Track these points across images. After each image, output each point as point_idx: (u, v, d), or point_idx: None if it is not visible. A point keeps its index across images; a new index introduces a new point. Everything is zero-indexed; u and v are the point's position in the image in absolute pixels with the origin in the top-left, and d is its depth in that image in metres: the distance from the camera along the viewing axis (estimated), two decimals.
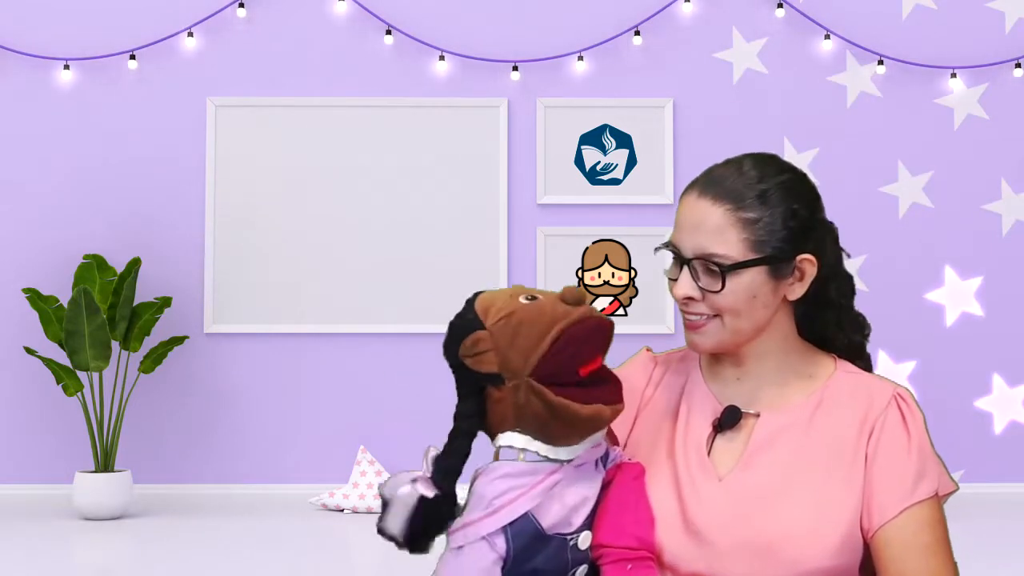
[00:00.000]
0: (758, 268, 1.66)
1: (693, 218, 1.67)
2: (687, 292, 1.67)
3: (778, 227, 1.66)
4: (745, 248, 1.65)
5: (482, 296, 1.64)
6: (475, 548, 1.55)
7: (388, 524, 1.57)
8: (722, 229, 1.65)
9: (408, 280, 6.29)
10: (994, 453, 6.29)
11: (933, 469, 1.68)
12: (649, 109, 6.34)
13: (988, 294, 6.34)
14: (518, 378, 1.55)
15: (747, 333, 1.69)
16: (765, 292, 1.67)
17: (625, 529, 1.60)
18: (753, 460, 1.68)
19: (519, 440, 1.57)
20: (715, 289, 1.65)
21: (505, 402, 1.57)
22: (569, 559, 1.57)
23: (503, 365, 1.56)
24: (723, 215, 1.65)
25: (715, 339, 1.69)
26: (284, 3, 6.38)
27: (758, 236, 1.65)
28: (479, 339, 1.58)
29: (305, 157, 6.32)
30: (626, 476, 1.66)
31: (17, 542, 5.11)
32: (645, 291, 6.30)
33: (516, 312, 1.57)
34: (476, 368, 1.58)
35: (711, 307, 1.67)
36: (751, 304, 1.67)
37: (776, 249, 1.66)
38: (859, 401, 1.70)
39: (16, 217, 6.27)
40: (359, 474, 5.90)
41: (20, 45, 6.30)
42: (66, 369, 5.77)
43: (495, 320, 1.58)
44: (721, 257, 1.64)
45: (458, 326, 1.61)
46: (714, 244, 1.65)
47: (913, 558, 1.62)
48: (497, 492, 1.56)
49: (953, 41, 6.36)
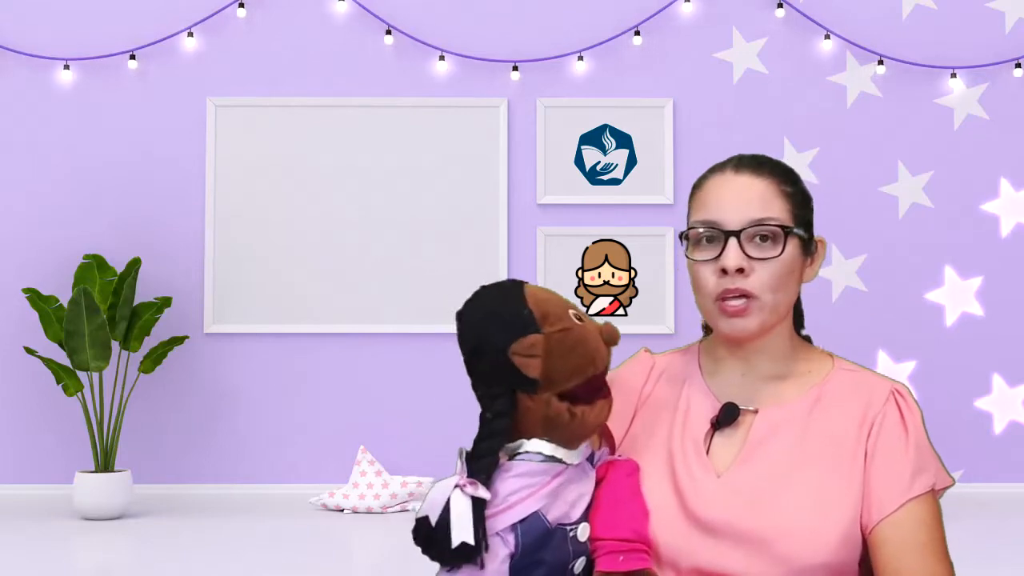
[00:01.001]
0: (797, 240, 1.70)
1: (737, 190, 1.69)
2: (739, 262, 1.65)
3: (806, 206, 1.74)
4: (790, 218, 1.70)
5: (532, 291, 1.62)
6: (489, 543, 1.56)
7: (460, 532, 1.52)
8: (769, 198, 1.69)
9: (408, 280, 6.29)
10: (994, 453, 6.29)
11: (931, 464, 1.68)
12: (649, 109, 6.34)
13: (988, 294, 6.34)
14: (551, 392, 1.58)
15: (781, 312, 1.71)
16: (797, 269, 1.71)
17: (619, 523, 1.62)
18: (751, 456, 1.69)
19: (547, 447, 1.59)
20: (773, 255, 1.66)
21: (535, 412, 1.58)
22: (570, 550, 1.60)
23: (545, 376, 1.57)
24: (767, 186, 1.70)
25: (759, 319, 1.68)
26: (284, 3, 6.38)
27: (795, 209, 1.71)
28: (536, 343, 1.57)
29: (305, 157, 6.32)
30: (619, 473, 1.67)
31: (17, 542, 5.11)
32: (645, 291, 6.30)
33: (573, 330, 1.59)
34: (523, 370, 1.57)
35: (758, 282, 1.66)
36: (791, 278, 1.70)
37: (807, 224, 1.73)
38: (857, 398, 1.71)
39: (16, 217, 6.27)
40: (359, 474, 5.90)
41: (20, 45, 6.30)
42: (66, 369, 5.77)
43: (554, 330, 1.58)
44: (778, 220, 1.68)
45: (514, 318, 1.59)
46: (766, 210, 1.68)
47: (910, 555, 1.62)
48: (511, 489, 1.57)
49: (953, 41, 6.36)
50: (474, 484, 1.53)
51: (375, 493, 5.80)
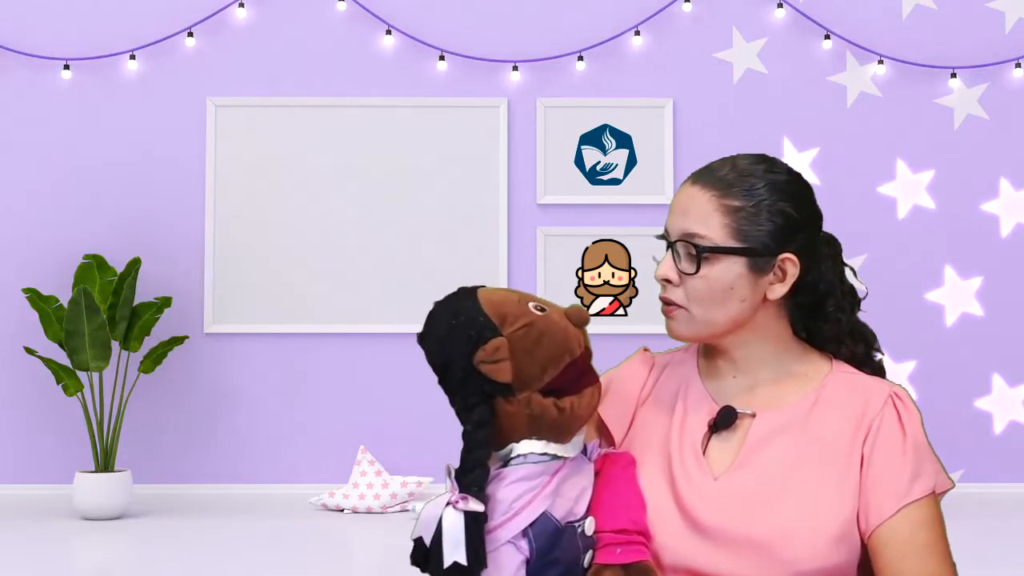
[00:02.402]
0: (736, 258, 1.67)
1: (682, 202, 1.71)
2: (665, 273, 1.71)
3: (762, 220, 1.67)
4: (726, 234, 1.67)
5: (485, 295, 1.60)
6: (502, 553, 1.53)
7: (451, 552, 1.49)
8: (706, 213, 1.68)
9: (408, 280, 6.29)
10: (994, 453, 6.28)
11: (930, 467, 1.67)
12: (649, 109, 6.34)
13: (988, 294, 6.34)
14: (530, 390, 1.55)
15: (721, 326, 1.70)
16: (743, 285, 1.68)
17: (617, 514, 1.61)
18: (749, 460, 1.68)
19: (538, 446, 1.57)
20: (690, 272, 1.68)
21: (517, 414, 1.55)
22: (580, 546, 1.59)
23: (517, 377, 1.54)
24: (709, 200, 1.68)
25: (687, 328, 1.72)
26: (284, 3, 6.38)
27: (739, 225, 1.67)
28: (500, 347, 1.54)
29: (305, 157, 6.32)
30: (615, 466, 1.66)
31: (17, 542, 5.11)
32: (645, 291, 6.30)
33: (535, 324, 1.56)
34: (493, 376, 1.54)
35: (686, 293, 1.70)
36: (727, 295, 1.68)
37: (757, 242, 1.67)
38: (855, 401, 1.70)
39: (16, 217, 6.27)
40: (359, 474, 5.90)
41: (20, 45, 6.30)
42: (66, 369, 5.77)
43: (515, 328, 1.55)
44: (700, 238, 1.67)
45: (472, 327, 1.55)
46: (696, 226, 1.68)
47: (911, 558, 1.61)
48: (515, 495, 1.55)
49: (953, 41, 6.35)
50: (465, 499, 1.50)
51: (375, 493, 5.80)
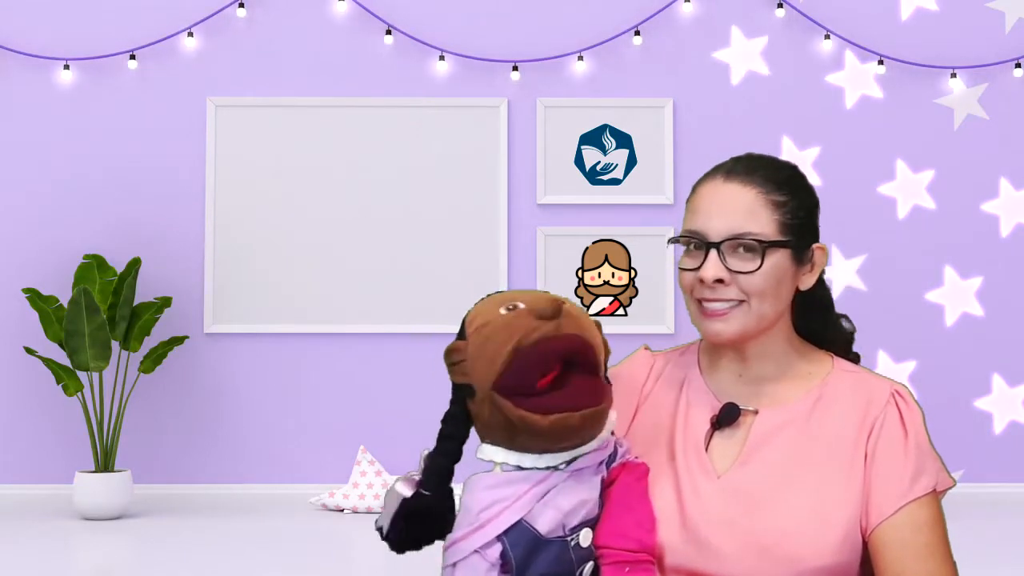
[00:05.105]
0: (786, 251, 1.68)
1: (722, 200, 1.69)
2: (717, 274, 1.66)
3: (802, 213, 1.70)
4: (776, 229, 1.68)
5: (479, 302, 1.63)
6: (467, 563, 1.53)
7: (379, 519, 1.61)
8: (755, 209, 1.67)
9: (408, 280, 6.29)
10: (994, 453, 6.29)
11: (931, 466, 1.68)
12: (649, 109, 6.34)
13: (988, 294, 6.34)
14: (484, 391, 1.55)
15: (769, 319, 1.70)
16: (788, 278, 1.70)
17: (626, 531, 1.59)
18: (751, 457, 1.68)
19: (497, 453, 1.57)
20: (751, 269, 1.66)
21: (482, 417, 1.57)
22: (573, 559, 1.56)
23: (472, 377, 1.56)
24: (755, 196, 1.68)
25: (740, 326, 1.68)
26: (284, 3, 6.38)
27: (786, 219, 1.68)
28: (455, 349, 1.58)
29: (305, 157, 6.32)
30: (629, 477, 1.64)
31: (17, 542, 5.11)
32: (645, 291, 6.30)
33: (489, 324, 1.56)
34: (453, 378, 1.59)
35: (741, 291, 1.67)
36: (777, 289, 1.68)
37: (800, 234, 1.69)
38: (858, 399, 1.70)
39: (16, 217, 6.27)
40: (359, 474, 5.90)
41: (20, 45, 6.30)
42: (66, 369, 5.77)
43: (472, 330, 1.57)
44: (757, 235, 1.66)
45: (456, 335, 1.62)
46: (748, 223, 1.66)
47: (912, 559, 1.62)
48: (483, 505, 1.54)
49: (953, 41, 6.36)
50: (410, 482, 1.59)
51: (375, 493, 5.80)
